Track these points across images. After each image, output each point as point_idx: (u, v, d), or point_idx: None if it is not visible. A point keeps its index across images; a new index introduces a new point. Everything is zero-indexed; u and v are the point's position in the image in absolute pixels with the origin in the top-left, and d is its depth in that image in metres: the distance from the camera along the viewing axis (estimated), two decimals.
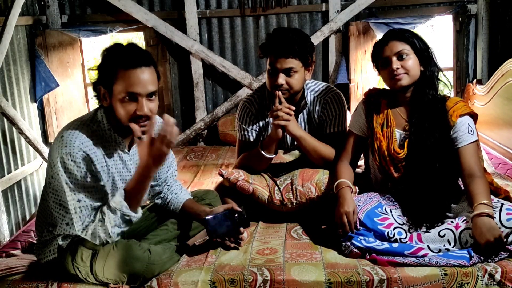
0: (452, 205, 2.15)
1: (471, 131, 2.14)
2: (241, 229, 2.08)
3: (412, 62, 2.12)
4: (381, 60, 2.16)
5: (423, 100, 2.14)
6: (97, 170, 1.81)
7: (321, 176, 2.35)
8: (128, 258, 1.82)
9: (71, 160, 1.75)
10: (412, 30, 2.21)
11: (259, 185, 2.39)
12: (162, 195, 2.19)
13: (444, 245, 1.97)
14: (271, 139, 2.37)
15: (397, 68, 2.11)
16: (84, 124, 1.84)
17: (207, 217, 2.03)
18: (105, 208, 1.82)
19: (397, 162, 2.19)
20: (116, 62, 1.75)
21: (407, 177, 2.17)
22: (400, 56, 2.12)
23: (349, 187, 2.17)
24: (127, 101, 1.76)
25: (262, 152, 2.38)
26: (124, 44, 1.81)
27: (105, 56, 1.80)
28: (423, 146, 2.12)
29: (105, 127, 1.85)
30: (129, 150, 1.94)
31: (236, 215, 2.06)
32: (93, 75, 1.83)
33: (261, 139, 2.52)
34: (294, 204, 2.34)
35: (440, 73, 2.19)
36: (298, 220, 2.38)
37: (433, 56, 2.17)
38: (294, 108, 2.31)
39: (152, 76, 1.79)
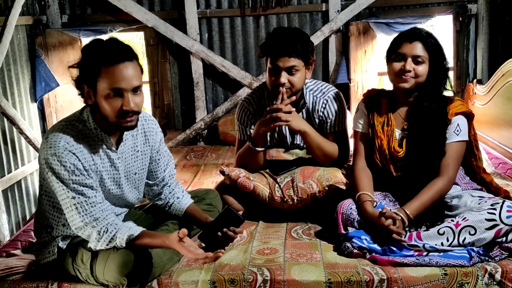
0: (452, 203, 2.14)
1: (457, 130, 2.14)
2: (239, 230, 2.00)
3: (423, 69, 2.12)
4: (395, 54, 2.16)
5: (424, 112, 2.14)
6: (84, 169, 1.79)
7: (322, 173, 2.35)
8: (129, 261, 1.80)
9: (57, 161, 1.74)
10: (435, 37, 2.18)
11: (260, 182, 2.39)
12: (163, 197, 2.17)
13: (442, 242, 1.96)
14: (258, 134, 2.35)
15: (409, 71, 2.11)
16: (69, 124, 1.82)
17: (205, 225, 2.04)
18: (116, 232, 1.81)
19: (397, 161, 2.19)
20: (98, 59, 1.71)
21: (405, 176, 2.18)
22: (417, 60, 2.11)
23: (370, 201, 2.11)
24: (112, 97, 1.73)
25: (250, 144, 2.38)
26: (105, 40, 1.79)
27: (86, 54, 1.76)
28: (420, 147, 2.13)
29: (91, 126, 1.84)
30: (117, 149, 1.92)
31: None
32: (74, 73, 1.80)
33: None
34: (295, 200, 2.34)
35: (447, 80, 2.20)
36: (298, 220, 2.38)
37: (447, 68, 2.17)
38: (294, 101, 2.31)
39: (136, 71, 1.76)
